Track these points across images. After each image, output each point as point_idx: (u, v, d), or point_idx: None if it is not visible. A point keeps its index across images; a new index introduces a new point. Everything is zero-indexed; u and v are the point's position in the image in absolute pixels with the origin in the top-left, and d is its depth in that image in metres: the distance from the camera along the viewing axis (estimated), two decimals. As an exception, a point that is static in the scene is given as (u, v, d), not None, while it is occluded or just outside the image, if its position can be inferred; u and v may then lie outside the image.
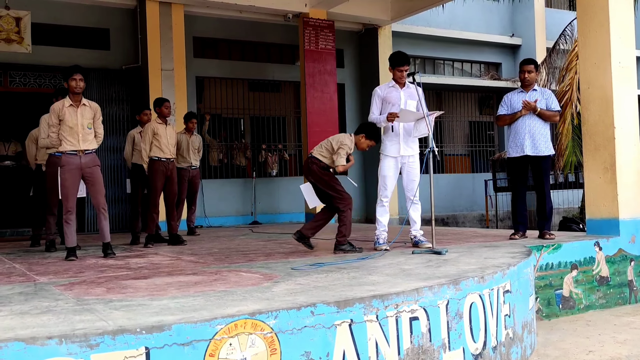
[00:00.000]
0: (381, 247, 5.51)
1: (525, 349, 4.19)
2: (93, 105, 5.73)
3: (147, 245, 6.76)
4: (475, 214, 14.61)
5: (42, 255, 6.09)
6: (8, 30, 9.56)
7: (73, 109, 5.57)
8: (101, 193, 5.70)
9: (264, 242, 7.00)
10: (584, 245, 5.86)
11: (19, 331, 2.44)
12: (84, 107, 5.62)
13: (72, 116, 5.54)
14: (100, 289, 3.62)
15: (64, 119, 5.53)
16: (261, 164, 12.02)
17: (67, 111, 5.55)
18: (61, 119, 5.54)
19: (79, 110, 5.58)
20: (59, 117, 5.54)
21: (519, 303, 4.16)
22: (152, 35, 10.10)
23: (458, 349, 3.42)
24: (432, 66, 14.93)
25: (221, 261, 5.02)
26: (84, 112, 5.61)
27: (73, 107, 5.57)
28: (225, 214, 11.28)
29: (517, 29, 15.61)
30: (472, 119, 15.54)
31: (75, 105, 5.58)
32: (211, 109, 11.59)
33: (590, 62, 6.41)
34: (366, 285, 3.41)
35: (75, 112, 5.57)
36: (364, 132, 5.58)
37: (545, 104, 6.18)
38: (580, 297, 5.74)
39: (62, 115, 5.54)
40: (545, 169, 6.21)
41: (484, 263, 4.24)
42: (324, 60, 11.18)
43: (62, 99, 5.68)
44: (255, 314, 2.70)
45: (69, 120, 5.53)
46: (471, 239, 6.48)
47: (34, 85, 10.09)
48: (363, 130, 5.60)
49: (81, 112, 5.59)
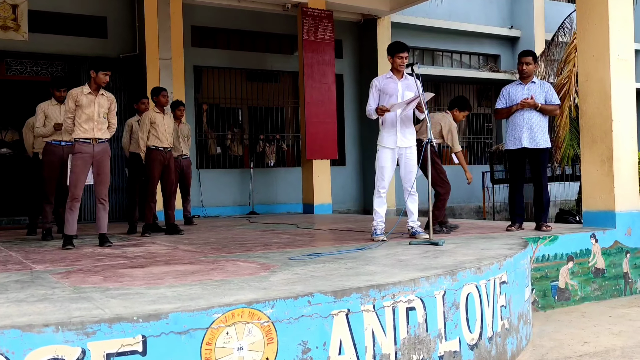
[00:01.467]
0: (378, 238, 5.51)
1: (520, 340, 4.21)
2: (110, 96, 5.80)
3: (144, 234, 6.75)
4: (473, 206, 14.63)
5: (38, 244, 6.08)
6: (5, 17, 9.52)
7: (92, 97, 5.62)
8: (105, 184, 5.72)
9: (262, 232, 7.00)
10: (580, 237, 5.88)
11: (16, 319, 2.44)
12: (101, 96, 5.69)
13: (90, 104, 5.60)
14: (97, 277, 3.62)
15: (80, 106, 5.58)
16: (259, 154, 12.00)
17: (85, 98, 5.59)
18: (78, 105, 5.58)
19: (97, 99, 5.64)
20: (75, 103, 5.57)
21: (515, 294, 4.17)
22: (150, 24, 10.06)
23: (454, 339, 3.43)
24: (430, 57, 14.89)
25: (218, 251, 5.02)
26: (101, 101, 5.68)
27: (92, 95, 5.62)
28: (223, 204, 11.27)
29: (516, 21, 15.57)
30: (471, 111, 15.50)
31: (94, 94, 5.63)
32: (209, 99, 11.56)
33: (589, 54, 6.40)
34: (363, 276, 3.41)
35: (93, 100, 5.62)
36: (457, 105, 5.83)
37: (544, 97, 6.18)
38: (576, 289, 5.76)
39: (79, 101, 5.58)
40: (542, 161, 6.22)
41: (480, 254, 4.25)
42: (323, 51, 11.14)
43: (81, 86, 5.72)
44: (252, 303, 2.71)
45: (86, 107, 5.58)
46: (468, 230, 6.49)
47: (30, 73, 10.04)
48: (455, 105, 5.85)
49: (99, 101, 5.66)
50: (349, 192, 12.84)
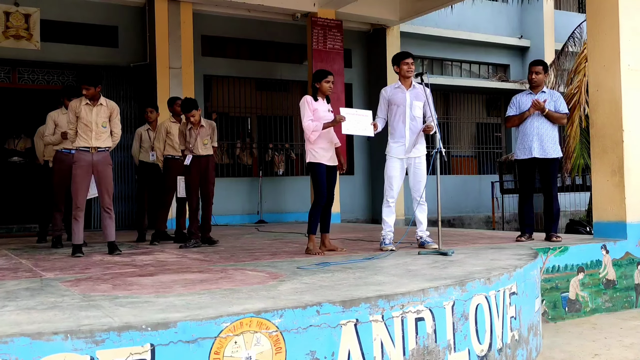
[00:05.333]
0: (387, 248, 5.49)
1: (530, 351, 4.17)
2: (110, 105, 5.84)
3: (153, 242, 6.77)
4: (482, 216, 14.57)
5: (48, 252, 6.11)
6: (17, 26, 9.62)
7: (89, 107, 5.69)
8: (108, 192, 5.74)
9: (270, 241, 7.00)
10: (590, 248, 5.83)
11: (25, 326, 2.45)
12: (100, 106, 5.74)
13: (88, 114, 5.66)
14: (106, 285, 3.63)
15: (80, 116, 5.66)
16: (268, 163, 12.02)
17: (83, 109, 5.67)
18: (77, 115, 5.67)
19: (95, 108, 5.70)
20: (75, 114, 5.66)
21: (525, 305, 4.14)
22: (160, 33, 10.13)
23: (463, 350, 3.41)
24: (440, 67, 14.89)
25: (227, 259, 5.02)
26: (99, 111, 5.72)
27: (89, 105, 5.69)
28: (232, 213, 11.29)
29: (525, 31, 15.55)
30: (480, 121, 15.49)
31: (91, 104, 5.69)
32: (219, 108, 11.60)
33: (600, 64, 6.38)
34: (372, 285, 3.40)
35: (91, 110, 5.68)
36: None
37: (553, 105, 6.16)
38: (587, 300, 5.71)
39: (78, 112, 5.66)
40: (552, 171, 6.19)
41: (490, 264, 4.22)
42: (332, 60, 11.16)
43: (80, 97, 5.78)
44: (261, 312, 2.70)
45: (84, 117, 5.65)
46: (477, 240, 6.46)
47: (42, 82, 10.13)
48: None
49: (97, 110, 5.71)
50: (358, 201, 12.83)
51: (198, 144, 6.34)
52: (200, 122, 6.39)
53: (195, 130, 6.35)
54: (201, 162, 6.37)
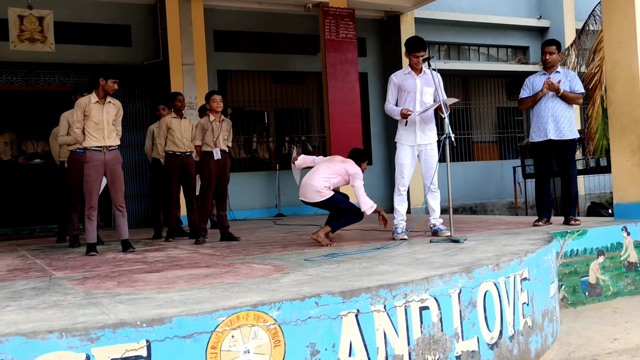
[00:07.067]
0: (399, 237, 5.42)
1: (546, 338, 4.07)
2: (117, 103, 5.85)
3: (168, 239, 6.79)
4: (505, 202, 14.33)
5: (65, 251, 6.17)
6: (32, 29, 9.72)
7: (99, 106, 5.68)
8: (120, 190, 5.76)
9: (284, 234, 6.97)
10: (610, 230, 5.67)
11: (22, 325, 2.46)
12: (109, 104, 5.74)
13: (99, 112, 5.65)
14: (112, 282, 3.64)
15: (89, 115, 5.64)
16: (285, 156, 11.99)
17: (93, 107, 5.65)
18: (87, 114, 5.64)
19: (105, 107, 5.70)
20: (84, 112, 5.63)
21: (539, 291, 4.04)
22: (172, 30, 10.15)
23: (472, 338, 3.33)
24: (457, 52, 14.66)
25: (237, 253, 5.00)
26: (109, 109, 5.73)
27: (99, 103, 5.68)
28: (250, 207, 11.30)
29: (544, 11, 15.20)
30: (500, 105, 15.22)
31: (101, 102, 5.68)
32: (233, 103, 11.59)
33: (616, 41, 6.19)
34: (376, 275, 3.34)
35: (101, 109, 5.68)
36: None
37: (569, 86, 6.00)
38: (608, 284, 5.56)
39: (87, 111, 5.64)
40: (570, 153, 6.03)
41: (501, 250, 4.13)
42: (345, 50, 11.07)
43: (88, 95, 5.77)
44: (258, 305, 2.67)
45: (95, 116, 5.63)
46: (494, 226, 6.34)
47: (58, 83, 10.23)
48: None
49: (107, 109, 5.71)
50: (376, 191, 12.71)
51: (220, 138, 6.31)
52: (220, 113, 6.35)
53: (218, 124, 6.30)
54: (220, 158, 6.35)
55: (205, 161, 6.30)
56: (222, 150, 6.34)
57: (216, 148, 6.24)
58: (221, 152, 6.32)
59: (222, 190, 6.46)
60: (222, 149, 6.33)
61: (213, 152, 6.24)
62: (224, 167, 6.38)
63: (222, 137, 6.31)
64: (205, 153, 6.28)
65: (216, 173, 6.30)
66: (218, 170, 6.31)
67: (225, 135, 6.36)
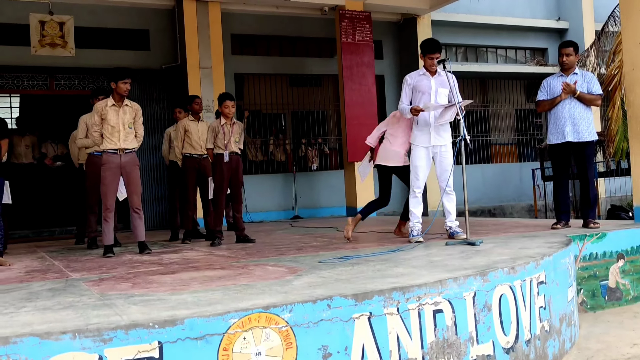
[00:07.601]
0: (415, 239, 5.39)
1: (564, 342, 4.01)
2: (134, 106, 5.88)
3: (185, 241, 6.83)
4: (524, 204, 14.19)
5: (83, 253, 6.24)
6: (52, 35, 9.86)
7: (115, 109, 5.72)
8: (137, 193, 5.80)
9: (300, 236, 6.97)
10: (631, 233, 5.58)
11: (36, 326, 2.48)
12: (126, 107, 5.78)
13: (115, 115, 5.70)
14: (127, 284, 3.66)
15: (106, 118, 5.69)
16: (302, 158, 12.01)
17: (109, 110, 5.70)
18: (103, 117, 5.70)
19: (121, 110, 5.74)
20: (101, 116, 5.70)
21: (556, 294, 3.98)
22: (190, 34, 10.23)
23: (487, 342, 3.29)
24: (474, 54, 14.57)
25: (252, 255, 5.01)
26: (125, 112, 5.77)
27: (116, 106, 5.73)
28: (267, 209, 11.33)
29: (563, 12, 15.06)
30: (519, 107, 15.09)
31: (117, 105, 5.73)
32: (250, 106, 11.64)
33: (634, 42, 6.10)
34: (389, 278, 3.32)
35: (117, 112, 5.72)
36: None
37: (586, 87, 5.92)
38: (628, 288, 5.47)
39: (104, 114, 5.69)
40: (588, 155, 5.95)
41: (517, 253, 4.08)
42: (362, 52, 11.06)
43: (105, 99, 5.83)
44: (270, 307, 2.66)
45: (111, 119, 5.68)
46: (511, 229, 6.27)
47: (78, 87, 10.37)
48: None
49: (123, 112, 5.75)
50: (393, 193, 12.57)
51: (231, 141, 6.33)
52: (232, 117, 6.39)
53: (229, 127, 6.33)
54: (232, 160, 6.37)
55: (217, 164, 6.33)
56: (234, 152, 6.37)
57: (226, 150, 6.28)
58: (233, 154, 6.35)
59: (236, 191, 6.48)
60: (234, 151, 6.37)
61: (224, 155, 6.29)
62: (236, 169, 6.40)
63: (233, 140, 6.35)
64: (217, 155, 6.33)
65: (228, 175, 6.33)
66: (230, 172, 6.33)
67: (236, 137, 6.40)
